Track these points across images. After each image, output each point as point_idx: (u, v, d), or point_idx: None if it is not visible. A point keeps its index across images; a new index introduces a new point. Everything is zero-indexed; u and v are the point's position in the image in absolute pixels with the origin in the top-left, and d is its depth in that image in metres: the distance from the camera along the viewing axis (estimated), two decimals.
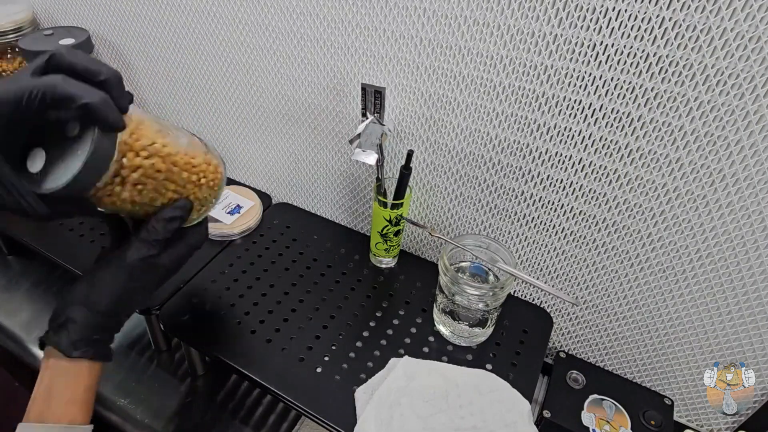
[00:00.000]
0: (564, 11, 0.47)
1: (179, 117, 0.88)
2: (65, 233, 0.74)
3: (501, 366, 0.59)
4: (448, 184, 0.65)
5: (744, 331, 0.55)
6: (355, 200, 0.76)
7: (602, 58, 0.47)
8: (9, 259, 0.87)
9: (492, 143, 0.58)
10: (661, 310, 0.59)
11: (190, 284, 0.67)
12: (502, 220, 0.64)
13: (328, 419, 0.53)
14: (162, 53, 0.80)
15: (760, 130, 0.44)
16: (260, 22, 0.66)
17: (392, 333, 0.62)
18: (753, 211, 0.48)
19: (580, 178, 0.56)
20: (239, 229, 0.75)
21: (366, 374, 0.57)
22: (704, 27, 0.42)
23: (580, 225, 0.59)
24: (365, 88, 0.57)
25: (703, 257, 0.53)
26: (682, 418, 0.66)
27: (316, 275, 0.70)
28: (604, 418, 0.59)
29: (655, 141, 0.49)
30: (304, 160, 0.77)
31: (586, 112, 0.51)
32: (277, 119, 0.75)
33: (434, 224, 0.71)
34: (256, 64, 0.71)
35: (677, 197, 0.51)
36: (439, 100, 0.59)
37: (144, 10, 0.77)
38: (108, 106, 0.36)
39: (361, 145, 0.61)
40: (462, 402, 0.54)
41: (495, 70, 0.53)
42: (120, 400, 0.67)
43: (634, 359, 0.65)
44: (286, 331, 0.62)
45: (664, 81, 0.46)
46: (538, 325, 0.65)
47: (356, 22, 0.58)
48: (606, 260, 0.60)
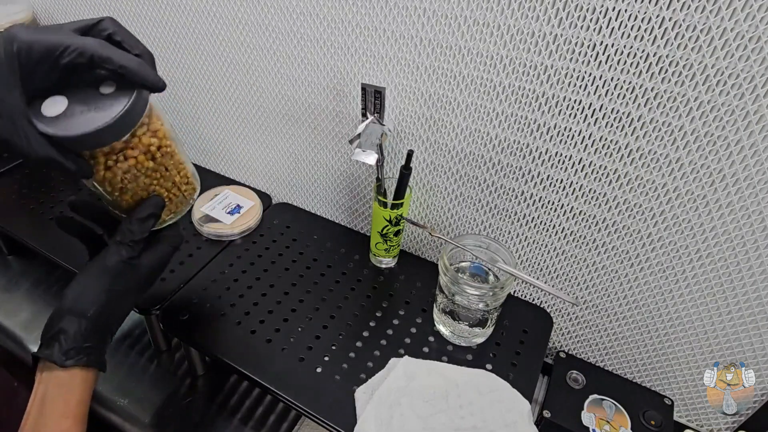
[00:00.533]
0: (564, 11, 0.47)
1: (179, 117, 0.88)
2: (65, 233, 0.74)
3: (501, 366, 0.59)
4: (448, 184, 0.65)
5: (744, 331, 0.55)
6: (355, 200, 0.76)
7: (602, 58, 0.47)
8: (9, 259, 0.87)
9: (492, 143, 0.58)
10: (661, 310, 0.59)
11: (190, 284, 0.67)
12: (502, 220, 0.64)
13: (328, 419, 0.53)
14: (162, 53, 0.80)
15: (760, 130, 0.44)
16: (260, 22, 0.66)
17: (392, 333, 0.62)
18: (753, 211, 0.48)
19: (580, 178, 0.56)
20: (239, 229, 0.75)
21: (366, 374, 0.57)
22: (704, 27, 0.42)
23: (580, 225, 0.59)
24: (365, 88, 0.57)
25: (703, 257, 0.53)
26: (682, 418, 0.66)
27: (316, 275, 0.70)
28: (604, 418, 0.59)
29: (655, 141, 0.49)
30: (304, 160, 0.77)
31: (586, 112, 0.51)
32: (277, 119, 0.75)
33: (434, 224, 0.71)
34: (256, 64, 0.71)
35: (677, 197, 0.51)
36: (439, 100, 0.59)
37: (144, 10, 0.77)
38: (146, 69, 0.40)
39: (361, 145, 0.61)
40: (462, 402, 0.54)
41: (495, 70, 0.53)
42: (120, 400, 0.67)
43: (634, 359, 0.65)
44: (286, 331, 0.62)
45: (664, 81, 0.46)
46: (538, 325, 0.65)
47: (356, 22, 0.58)
48: (606, 260, 0.60)
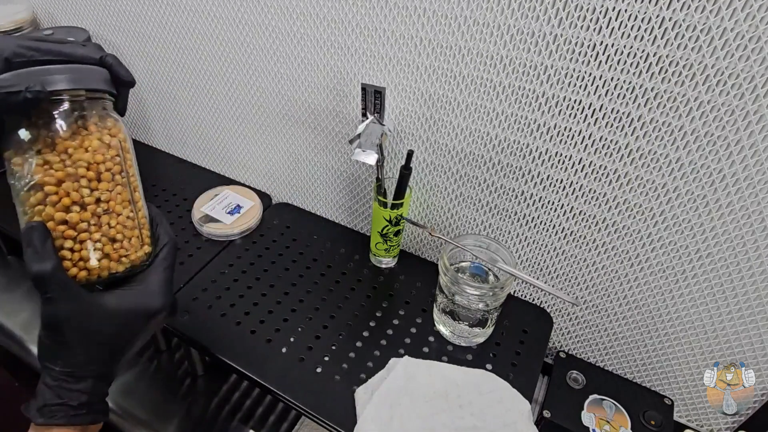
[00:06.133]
0: (564, 11, 0.47)
1: (179, 117, 0.88)
2: None
3: (501, 366, 0.59)
4: (448, 184, 0.65)
5: (744, 331, 0.55)
6: (355, 200, 0.76)
7: (602, 58, 0.47)
8: (9, 259, 0.87)
9: (492, 143, 0.58)
10: (661, 310, 0.59)
11: (190, 284, 0.67)
12: (502, 220, 0.64)
13: (328, 419, 0.53)
14: (162, 53, 0.80)
15: (760, 130, 0.44)
16: (260, 23, 0.66)
17: (392, 333, 0.62)
18: (753, 211, 0.48)
19: (580, 178, 0.56)
20: (239, 229, 0.75)
21: (366, 374, 0.57)
22: (704, 27, 0.42)
23: (580, 225, 0.59)
24: (365, 88, 0.57)
25: (703, 257, 0.53)
26: (682, 418, 0.66)
27: (316, 275, 0.70)
28: (604, 418, 0.59)
29: (655, 141, 0.49)
30: (304, 160, 0.77)
31: (586, 112, 0.51)
32: (277, 119, 0.75)
33: (434, 224, 0.71)
34: (256, 64, 0.71)
35: (677, 197, 0.51)
36: (439, 100, 0.59)
37: (144, 10, 0.77)
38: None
39: (361, 145, 0.61)
40: (462, 402, 0.54)
41: (495, 70, 0.53)
42: (120, 400, 0.67)
43: (634, 359, 0.65)
44: (286, 331, 0.62)
45: (664, 81, 0.46)
46: (538, 325, 0.65)
47: (356, 22, 0.58)
48: (606, 260, 0.60)
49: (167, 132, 0.92)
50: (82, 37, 0.80)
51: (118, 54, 0.86)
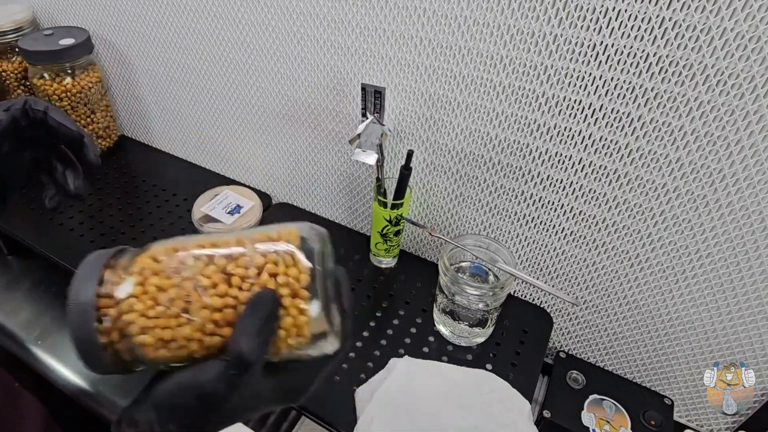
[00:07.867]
0: (564, 11, 0.47)
1: (179, 117, 0.88)
2: (65, 233, 0.74)
3: (501, 366, 0.59)
4: (448, 184, 0.65)
5: (744, 331, 0.55)
6: (355, 200, 0.76)
7: (602, 58, 0.47)
8: (9, 259, 0.87)
9: (492, 143, 0.58)
10: (661, 310, 0.59)
11: None
12: (502, 220, 0.64)
13: (328, 419, 0.53)
14: (162, 53, 0.80)
15: (760, 130, 0.44)
16: (260, 23, 0.66)
17: (392, 333, 0.62)
18: (753, 211, 0.48)
19: (580, 178, 0.56)
20: None
21: (366, 374, 0.57)
22: (704, 27, 0.42)
23: (580, 225, 0.59)
24: (365, 88, 0.57)
25: (703, 257, 0.53)
26: (682, 418, 0.66)
27: None
28: (604, 418, 0.59)
29: (655, 141, 0.49)
30: (303, 160, 0.77)
31: (586, 112, 0.51)
32: (277, 119, 0.75)
33: (434, 224, 0.71)
34: (256, 64, 0.71)
35: (677, 197, 0.51)
36: (439, 100, 0.59)
37: (144, 10, 0.77)
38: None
39: (361, 145, 0.61)
40: (462, 402, 0.54)
41: (495, 70, 0.53)
42: (120, 400, 0.67)
43: (634, 359, 0.65)
44: None
45: (664, 81, 0.46)
46: (538, 325, 0.65)
47: (356, 22, 0.58)
48: (606, 260, 0.60)
49: (167, 132, 0.92)
50: (82, 37, 0.80)
51: (118, 53, 0.86)
